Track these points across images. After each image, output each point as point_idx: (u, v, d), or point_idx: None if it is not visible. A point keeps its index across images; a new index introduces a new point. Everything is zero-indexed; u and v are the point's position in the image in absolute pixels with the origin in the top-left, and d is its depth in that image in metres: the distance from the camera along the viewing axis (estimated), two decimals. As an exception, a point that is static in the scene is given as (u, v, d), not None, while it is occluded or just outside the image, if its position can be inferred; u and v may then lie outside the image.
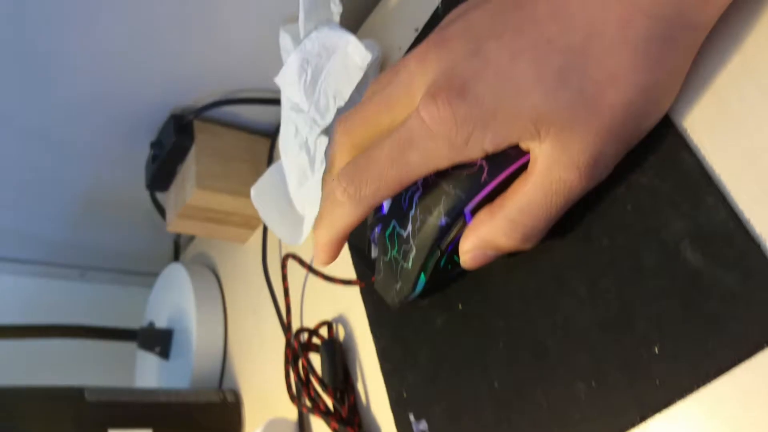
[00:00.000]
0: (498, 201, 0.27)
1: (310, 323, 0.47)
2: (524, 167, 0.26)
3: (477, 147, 0.25)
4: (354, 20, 0.51)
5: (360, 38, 0.47)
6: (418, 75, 0.26)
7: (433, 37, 0.26)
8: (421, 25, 0.43)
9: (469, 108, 0.24)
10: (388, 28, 0.47)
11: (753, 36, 0.24)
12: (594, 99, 0.23)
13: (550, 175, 0.25)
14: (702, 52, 0.24)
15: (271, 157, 0.59)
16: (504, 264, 0.30)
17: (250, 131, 0.61)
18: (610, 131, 0.23)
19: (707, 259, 0.23)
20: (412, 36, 0.44)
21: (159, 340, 0.69)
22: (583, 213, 0.27)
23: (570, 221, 0.27)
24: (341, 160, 0.29)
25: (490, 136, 0.24)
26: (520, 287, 0.30)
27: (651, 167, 0.26)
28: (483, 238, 0.27)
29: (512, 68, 0.23)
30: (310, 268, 0.41)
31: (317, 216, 0.30)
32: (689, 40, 0.23)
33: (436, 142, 0.25)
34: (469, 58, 0.24)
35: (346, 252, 0.44)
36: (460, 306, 0.33)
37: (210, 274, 0.69)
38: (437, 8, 0.41)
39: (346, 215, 0.28)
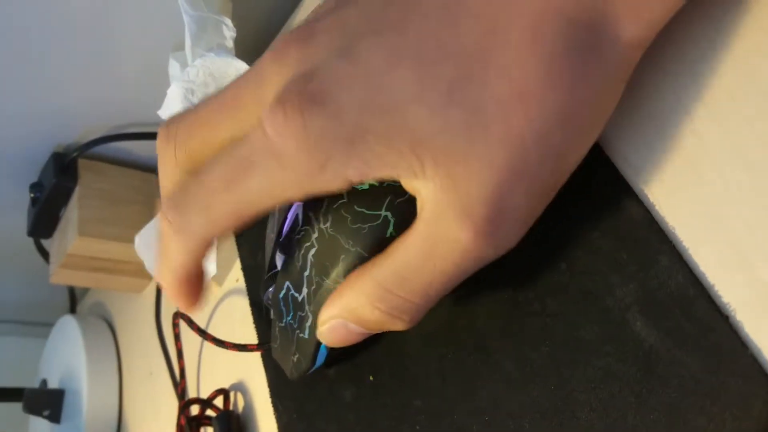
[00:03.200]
0: (370, 261, 0.21)
1: (208, 389, 0.41)
2: None
3: (337, 175, 0.18)
4: (255, 46, 0.46)
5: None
6: (272, 74, 0.19)
7: (297, 29, 0.20)
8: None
9: (327, 121, 0.18)
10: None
11: (709, 68, 0.19)
12: (496, 123, 0.17)
13: (437, 231, 0.19)
14: (650, 82, 0.20)
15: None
16: (419, 328, 0.25)
17: (143, 168, 0.55)
18: (520, 170, 0.18)
19: (661, 333, 0.18)
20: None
21: (48, 403, 0.61)
22: (507, 267, 0.22)
23: (491, 276, 0.22)
24: (167, 179, 0.23)
25: (356, 163, 0.18)
26: (438, 358, 0.25)
27: (587, 217, 0.21)
28: (345, 306, 0.21)
29: (389, 75, 0.18)
30: (200, 330, 0.35)
31: (156, 253, 0.23)
32: (619, 56, 0.18)
33: (282, 164, 0.18)
34: (335, 58, 0.18)
35: (246, 309, 0.39)
36: (371, 377, 0.28)
37: (105, 329, 0.62)
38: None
39: (178, 252, 0.22)
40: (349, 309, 0.21)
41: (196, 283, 0.24)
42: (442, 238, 0.19)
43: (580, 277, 0.21)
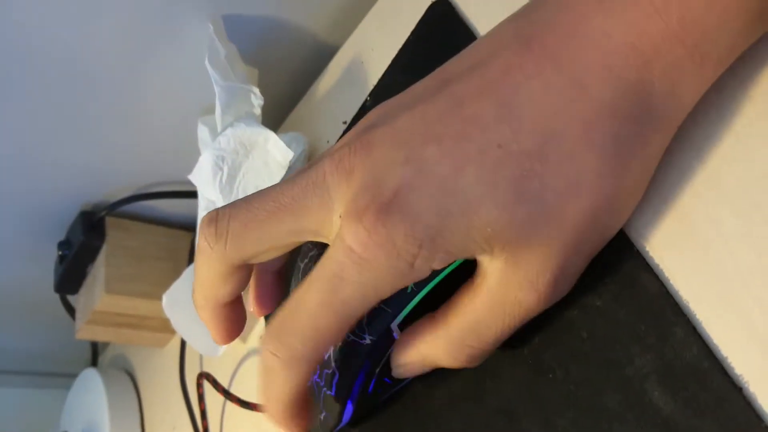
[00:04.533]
0: (441, 316, 0.23)
1: (233, 448, 0.42)
2: (457, 273, 0.23)
3: (424, 268, 0.20)
4: (278, 112, 0.48)
5: (285, 131, 0.44)
6: (338, 184, 0.21)
7: (352, 141, 0.21)
8: (349, 117, 0.40)
9: (410, 225, 0.19)
10: (315, 121, 0.44)
11: (716, 149, 0.21)
12: (555, 212, 0.19)
13: (505, 296, 0.21)
14: (666, 163, 0.21)
15: (192, 253, 0.54)
16: (445, 391, 0.26)
17: (169, 226, 0.56)
18: (574, 247, 0.20)
19: (678, 403, 0.20)
20: (340, 129, 0.41)
21: (69, 458, 0.61)
22: (532, 333, 0.24)
23: (516, 342, 0.24)
24: (211, 270, 0.24)
25: (441, 255, 0.20)
26: (465, 421, 0.26)
27: (607, 289, 0.22)
28: (423, 354, 0.24)
29: (457, 178, 0.19)
30: (225, 392, 0.36)
31: (258, 387, 0.24)
32: (658, 139, 0.20)
33: (375, 273, 0.20)
34: (400, 165, 0.20)
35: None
36: (397, 440, 0.29)
37: (128, 382, 0.62)
38: (366, 100, 0.38)
39: (284, 383, 0.23)
40: (426, 357, 0.24)
41: (300, 407, 0.24)
42: (510, 302, 0.21)
43: (601, 346, 0.22)
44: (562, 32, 0.20)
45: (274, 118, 0.48)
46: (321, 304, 0.21)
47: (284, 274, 0.28)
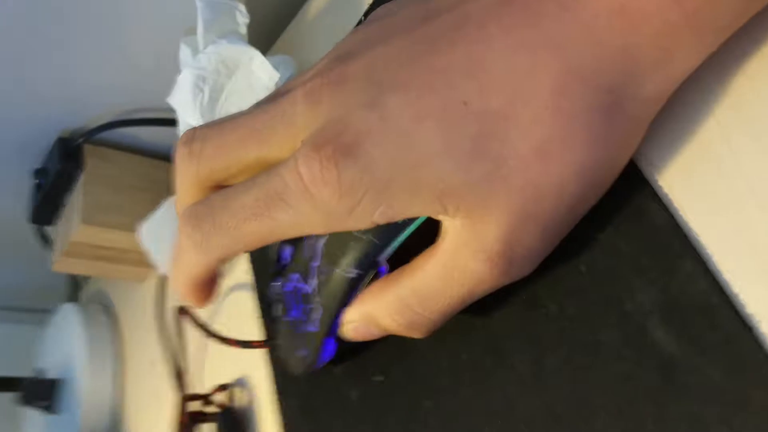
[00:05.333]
0: (397, 273, 0.22)
1: (210, 382, 0.41)
2: None
3: (363, 218, 0.20)
4: (268, 34, 0.45)
5: (275, 53, 0.42)
6: (305, 116, 0.21)
7: (325, 71, 0.21)
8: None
9: (359, 173, 0.19)
10: (307, 42, 0.42)
11: (739, 69, 0.19)
12: (516, 175, 0.18)
13: (455, 261, 0.20)
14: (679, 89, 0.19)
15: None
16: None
17: (151, 155, 0.54)
18: (535, 218, 0.19)
19: (683, 341, 0.18)
20: (330, 53, 0.38)
21: (45, 394, 0.60)
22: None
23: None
24: (186, 192, 0.24)
25: (382, 209, 0.20)
26: (451, 359, 0.25)
27: (609, 219, 0.21)
28: (367, 313, 0.23)
29: (416, 131, 0.19)
30: (203, 328, 0.35)
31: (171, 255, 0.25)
32: (639, 112, 0.19)
33: (313, 206, 0.20)
34: (366, 108, 0.19)
35: (253, 302, 0.38)
36: (379, 378, 0.28)
37: (107, 318, 0.61)
38: (360, 21, 0.36)
39: (192, 264, 0.23)
40: (371, 316, 0.23)
41: (209, 286, 0.25)
42: (460, 268, 0.20)
43: (600, 280, 0.20)
44: None
45: (263, 41, 0.45)
46: (252, 212, 0.21)
47: None
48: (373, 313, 0.23)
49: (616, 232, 0.20)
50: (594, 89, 0.18)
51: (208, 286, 0.25)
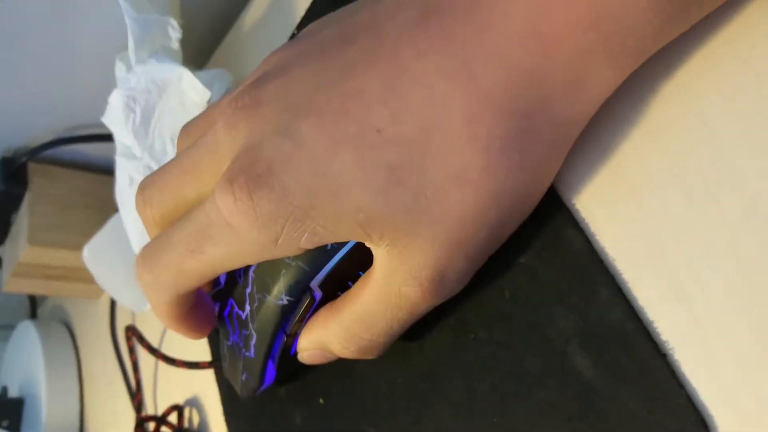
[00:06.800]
0: (339, 301, 0.22)
1: (165, 402, 0.40)
2: None
3: (290, 246, 0.20)
4: (205, 47, 0.45)
5: (212, 66, 0.41)
6: (225, 141, 0.20)
7: (242, 95, 0.20)
8: (275, 52, 0.37)
9: (275, 203, 0.18)
10: (243, 56, 0.41)
11: (653, 93, 0.19)
12: (435, 205, 0.18)
13: (389, 287, 0.20)
14: (599, 122, 0.19)
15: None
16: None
17: (96, 170, 0.53)
18: (458, 244, 0.19)
19: (600, 367, 0.18)
20: (267, 65, 0.37)
21: (7, 412, 0.59)
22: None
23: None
24: (152, 235, 0.24)
25: (307, 236, 0.19)
26: (389, 383, 0.25)
27: (530, 244, 0.20)
28: (318, 341, 0.23)
29: (332, 159, 0.18)
30: (150, 348, 0.34)
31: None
32: (558, 135, 0.18)
33: (237, 239, 0.19)
34: (279, 135, 0.19)
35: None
36: (321, 400, 0.28)
37: (65, 335, 0.60)
38: (293, 33, 0.35)
39: (155, 303, 0.24)
40: (322, 344, 0.23)
41: (189, 318, 0.25)
42: (395, 293, 0.20)
43: (523, 306, 0.20)
44: (463, 7, 0.18)
45: (199, 54, 0.44)
46: (188, 249, 0.21)
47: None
48: (323, 341, 0.23)
49: (538, 257, 0.20)
50: (509, 115, 0.17)
51: (189, 318, 0.25)
